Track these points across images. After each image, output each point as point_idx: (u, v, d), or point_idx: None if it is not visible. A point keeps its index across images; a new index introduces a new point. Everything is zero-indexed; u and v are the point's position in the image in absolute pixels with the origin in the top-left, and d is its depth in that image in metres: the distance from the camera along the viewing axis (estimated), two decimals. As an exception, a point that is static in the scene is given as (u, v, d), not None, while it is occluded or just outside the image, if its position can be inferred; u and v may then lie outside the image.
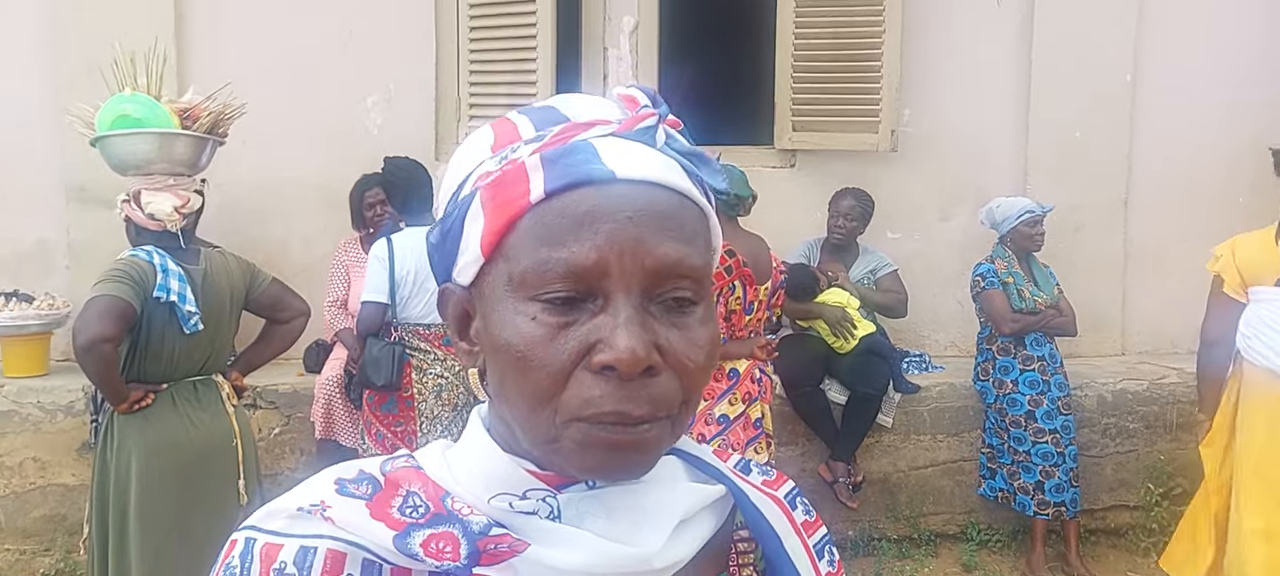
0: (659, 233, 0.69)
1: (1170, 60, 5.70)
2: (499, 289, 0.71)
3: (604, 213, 0.68)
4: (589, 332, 0.68)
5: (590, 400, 0.67)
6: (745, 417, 4.01)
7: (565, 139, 0.72)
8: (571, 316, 0.68)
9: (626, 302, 0.68)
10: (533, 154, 0.71)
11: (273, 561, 0.71)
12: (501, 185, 0.71)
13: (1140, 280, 5.75)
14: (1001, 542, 5.04)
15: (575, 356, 0.67)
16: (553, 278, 0.67)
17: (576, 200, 0.68)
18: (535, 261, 0.68)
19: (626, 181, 0.69)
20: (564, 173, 0.69)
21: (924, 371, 5.34)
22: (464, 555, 0.70)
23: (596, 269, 0.67)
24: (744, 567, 0.83)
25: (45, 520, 4.68)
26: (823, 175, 5.52)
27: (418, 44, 5.40)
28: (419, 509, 0.72)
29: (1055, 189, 5.35)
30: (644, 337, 0.67)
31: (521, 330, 0.68)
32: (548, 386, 0.68)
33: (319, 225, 5.33)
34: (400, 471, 0.75)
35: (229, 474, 3.43)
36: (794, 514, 0.87)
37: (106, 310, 3.07)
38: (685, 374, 0.70)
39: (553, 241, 0.68)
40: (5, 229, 5.24)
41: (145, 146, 3.31)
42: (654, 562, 0.73)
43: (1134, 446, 5.13)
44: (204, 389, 3.45)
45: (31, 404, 4.66)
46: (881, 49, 5.37)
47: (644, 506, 0.75)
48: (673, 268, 0.69)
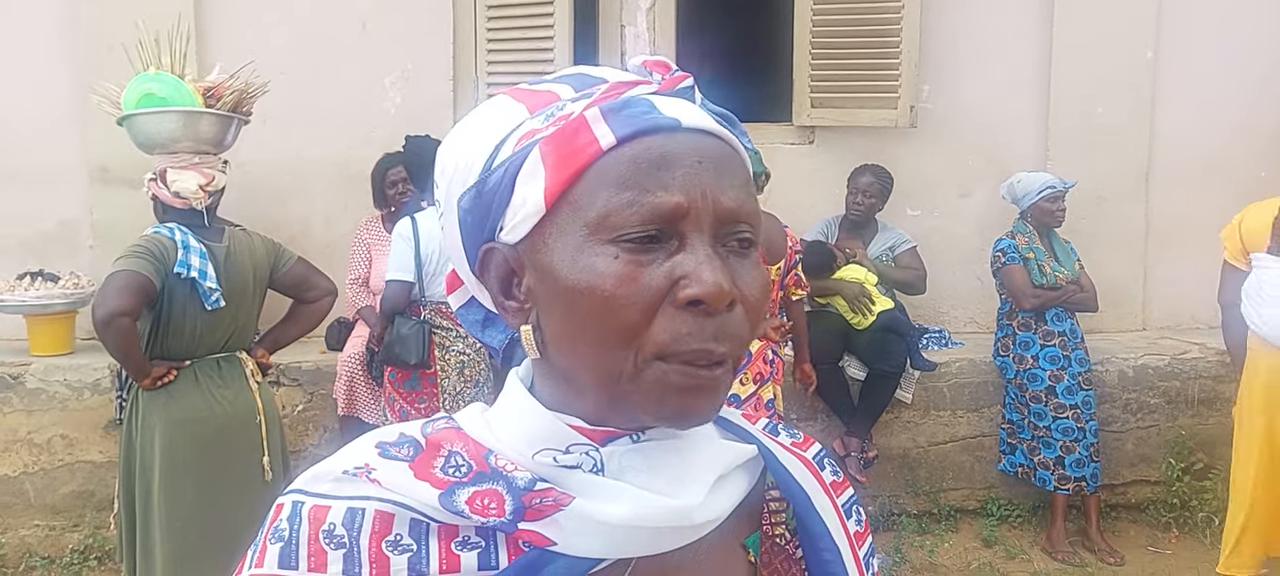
0: (724, 178, 0.72)
1: (1192, 35, 5.64)
2: (568, 237, 0.71)
3: (677, 158, 0.70)
4: (672, 269, 0.69)
5: (678, 336, 0.69)
6: (757, 398, 4.02)
7: (619, 93, 0.74)
8: (652, 256, 0.70)
9: (702, 242, 0.70)
10: (590, 107, 0.73)
11: (321, 523, 0.72)
12: (563, 138, 0.72)
13: (1162, 255, 5.72)
14: (1022, 518, 5.04)
15: (662, 291, 0.69)
16: (636, 219, 0.69)
17: (649, 146, 0.70)
18: (616, 204, 0.69)
19: (690, 130, 0.72)
20: (631, 121, 0.71)
21: (943, 347, 5.33)
22: (509, 510, 0.71)
23: (677, 210, 0.69)
24: (777, 526, 0.84)
25: (73, 496, 4.74)
26: (842, 152, 5.51)
27: (435, 23, 5.41)
28: (462, 467, 0.73)
29: (1076, 164, 5.31)
30: (727, 272, 0.70)
31: (604, 270, 0.69)
32: (634, 323, 0.69)
33: (340, 204, 5.36)
34: (441, 432, 0.76)
35: (253, 451, 3.46)
36: (822, 474, 0.89)
37: (125, 285, 3.11)
38: (753, 311, 0.73)
39: (632, 185, 0.69)
40: (30, 209, 5.29)
41: (171, 125, 3.35)
42: (695, 516, 0.74)
43: (1155, 421, 5.12)
44: (227, 366, 3.48)
45: (58, 382, 4.71)
46: (901, 24, 5.34)
47: (684, 461, 0.76)
48: (737, 211, 0.72)
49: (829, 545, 0.83)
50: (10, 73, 5.21)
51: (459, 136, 0.81)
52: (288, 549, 0.72)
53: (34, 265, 5.00)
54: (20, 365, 4.75)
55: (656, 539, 0.73)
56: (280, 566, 0.71)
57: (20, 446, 4.72)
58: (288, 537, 0.72)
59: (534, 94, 0.78)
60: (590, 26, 5.64)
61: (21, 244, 5.25)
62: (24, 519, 4.74)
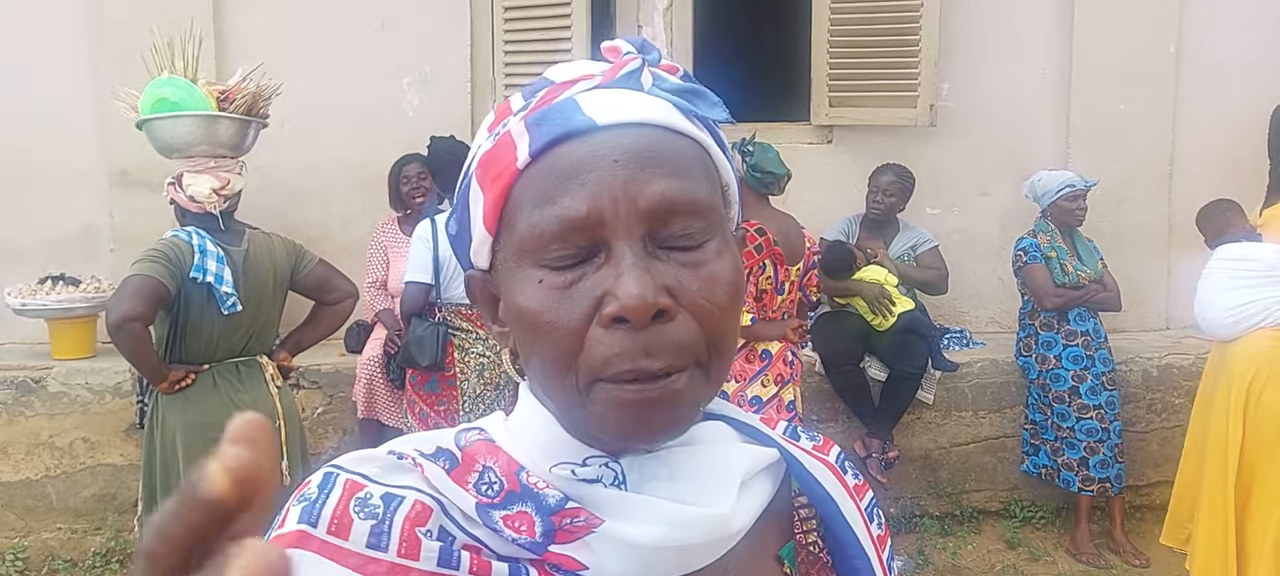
0: (648, 171, 0.66)
1: (1215, 30, 5.58)
2: (509, 261, 0.70)
3: (588, 162, 0.66)
4: (595, 286, 0.66)
5: (608, 359, 0.65)
6: (778, 400, 3.99)
7: (549, 99, 0.71)
8: (576, 274, 0.67)
9: (628, 248, 0.65)
10: (518, 121, 0.70)
11: (356, 493, 0.69)
12: (491, 158, 0.70)
13: (1185, 253, 5.64)
14: (1045, 519, 5.00)
15: (587, 313, 0.66)
16: (550, 237, 0.66)
17: (560, 155, 0.67)
18: (531, 224, 0.67)
19: (608, 127, 0.68)
20: (545, 131, 0.68)
21: (965, 348, 5.29)
22: (539, 533, 0.69)
23: (589, 219, 0.65)
24: (809, 533, 0.82)
25: (95, 499, 4.76)
26: (860, 151, 5.48)
27: (453, 25, 5.41)
28: (495, 485, 0.71)
29: (1098, 162, 5.27)
30: (650, 280, 0.64)
31: (531, 296, 0.67)
32: (566, 348, 0.66)
33: (357, 206, 5.37)
34: (476, 446, 0.74)
35: None
36: (845, 478, 0.86)
37: (138, 290, 3.12)
38: (703, 314, 0.67)
39: (544, 200, 0.66)
40: (51, 213, 5.32)
41: (185, 129, 3.36)
42: (731, 523, 0.71)
43: (1179, 421, 5.04)
44: (246, 369, 3.48)
45: (80, 385, 4.73)
46: (919, 22, 5.31)
47: (708, 465, 0.73)
48: (670, 204, 0.66)
49: (858, 552, 0.81)
50: (32, 77, 5.24)
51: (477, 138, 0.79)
52: (310, 508, 0.68)
53: (55, 269, 5.03)
54: (42, 369, 4.77)
55: (691, 556, 0.70)
56: (300, 521, 0.67)
57: (42, 449, 4.74)
58: (313, 500, 0.68)
59: (503, 106, 0.76)
60: (607, 28, 5.63)
61: (43, 248, 5.28)
62: (46, 521, 4.77)
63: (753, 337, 3.93)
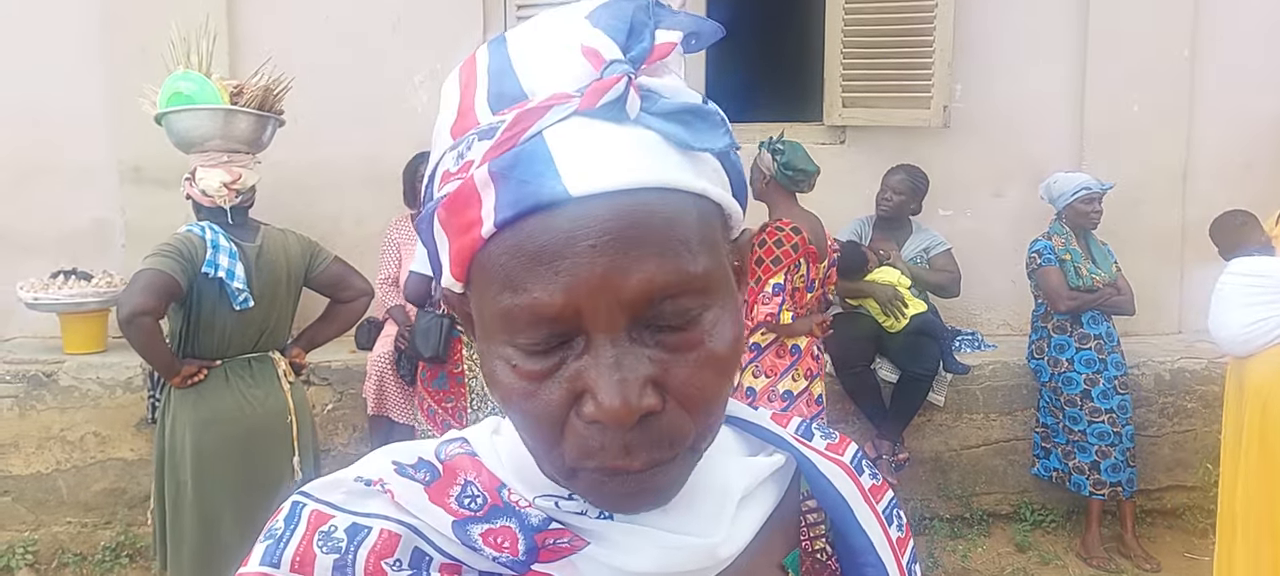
0: (634, 255, 0.58)
1: (1230, 33, 5.55)
2: (480, 321, 0.64)
3: (561, 246, 0.57)
4: (573, 379, 0.60)
5: (589, 451, 0.60)
6: (808, 394, 4.04)
7: (517, 136, 0.59)
8: (552, 361, 0.61)
9: (608, 343, 0.59)
10: (483, 162, 0.60)
11: (319, 526, 0.68)
12: (455, 208, 0.62)
13: (1199, 257, 5.61)
14: (1056, 523, 4.99)
15: (563, 407, 0.60)
16: (520, 326, 0.59)
17: (530, 233, 0.58)
18: (498, 308, 0.60)
19: (585, 198, 0.57)
20: (514, 198, 0.58)
21: (976, 350, 5.28)
22: (522, 551, 0.66)
23: (565, 313, 0.58)
24: (817, 539, 0.77)
25: (106, 493, 4.77)
26: (873, 152, 5.46)
27: (466, 23, 5.40)
28: (477, 500, 0.69)
29: (1112, 165, 5.25)
30: (635, 381, 0.58)
31: (503, 379, 0.62)
32: (545, 434, 0.62)
33: (370, 203, 5.37)
34: (457, 459, 0.71)
35: (283, 450, 3.46)
36: (861, 479, 0.82)
37: (149, 284, 3.12)
38: (694, 403, 0.61)
39: (512, 285, 0.59)
40: (63, 208, 5.33)
41: (200, 123, 3.36)
42: (720, 552, 0.68)
43: (1191, 426, 5.04)
44: (259, 365, 3.48)
45: (91, 380, 4.74)
46: (933, 23, 5.29)
47: (701, 488, 0.69)
48: (659, 291, 0.59)
49: (872, 560, 0.76)
50: (44, 71, 5.25)
51: (439, 115, 0.69)
52: (273, 548, 0.67)
53: (67, 264, 5.03)
54: (54, 363, 4.78)
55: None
56: (263, 563, 0.66)
57: (53, 443, 4.75)
58: (279, 536, 0.68)
59: (467, 88, 0.67)
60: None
61: (55, 242, 5.29)
62: (57, 515, 4.78)
63: (785, 334, 3.98)
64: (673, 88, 0.63)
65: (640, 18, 0.63)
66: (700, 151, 0.62)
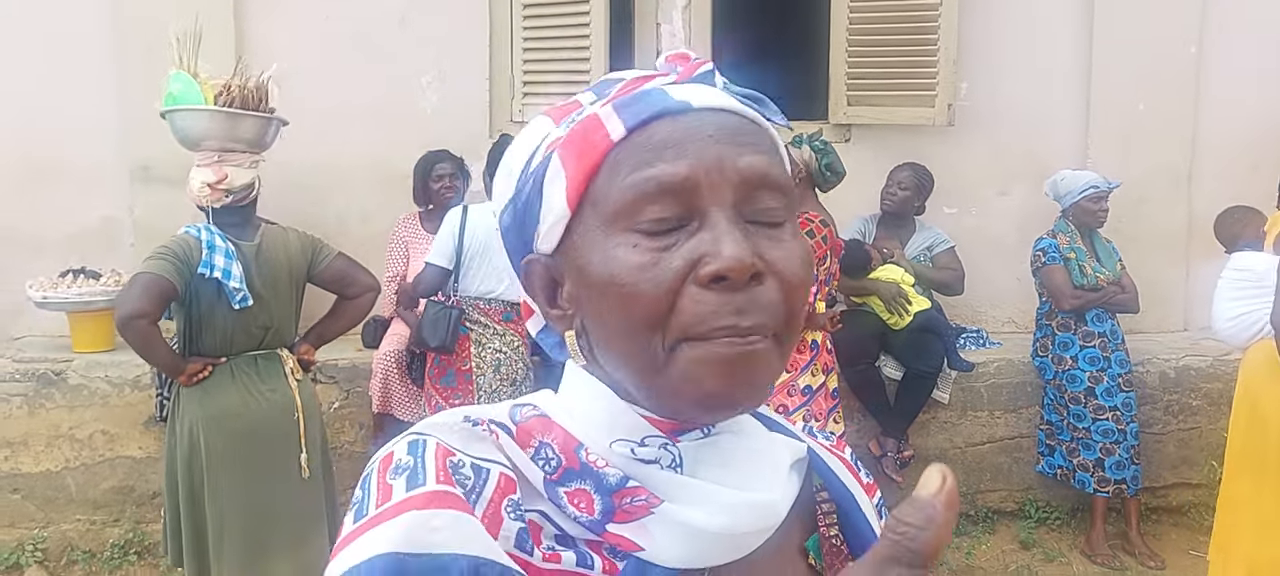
0: (741, 146, 0.70)
1: (1236, 30, 5.55)
2: (592, 234, 0.71)
3: (686, 135, 0.69)
4: (691, 250, 0.68)
5: (702, 315, 0.67)
6: (825, 388, 4.08)
7: (635, 87, 0.74)
8: (671, 240, 0.68)
9: (722, 215, 0.68)
10: (604, 105, 0.73)
11: (449, 457, 0.69)
12: (578, 137, 0.72)
13: (1204, 255, 5.61)
14: (1060, 520, 4.99)
15: (682, 273, 0.67)
16: (647, 200, 0.68)
17: (657, 129, 0.70)
18: (627, 188, 0.69)
19: (702, 109, 0.71)
20: (640, 110, 0.71)
21: (981, 347, 5.28)
22: (598, 511, 0.70)
23: (687, 183, 0.68)
24: (831, 527, 0.83)
25: (114, 491, 4.80)
26: (878, 150, 5.47)
27: (472, 22, 5.42)
28: (551, 462, 0.72)
29: (1117, 163, 5.25)
30: (747, 243, 0.68)
31: (624, 260, 0.68)
32: (657, 309, 0.68)
33: (376, 202, 5.39)
34: (532, 421, 0.74)
35: (291, 447, 3.47)
36: (860, 474, 0.90)
37: (145, 287, 3.16)
38: (787, 285, 0.70)
39: (642, 165, 0.69)
40: (71, 207, 5.36)
41: (191, 122, 3.37)
42: (780, 508, 0.74)
43: (1197, 423, 5.05)
44: (265, 362, 3.49)
45: (99, 378, 4.77)
46: (938, 21, 5.30)
47: (757, 453, 0.76)
48: (760, 178, 0.70)
49: None
50: (52, 70, 5.27)
51: (507, 162, 0.80)
52: (413, 475, 0.67)
53: (76, 262, 5.06)
54: (62, 361, 4.81)
55: (740, 542, 0.72)
56: (409, 489, 0.66)
57: (62, 441, 4.78)
58: (412, 467, 0.68)
59: (561, 107, 0.79)
60: (626, 25, 5.63)
61: (64, 241, 5.32)
62: (66, 513, 4.80)
63: (809, 326, 4.04)
64: None
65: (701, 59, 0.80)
66: (768, 119, 0.77)
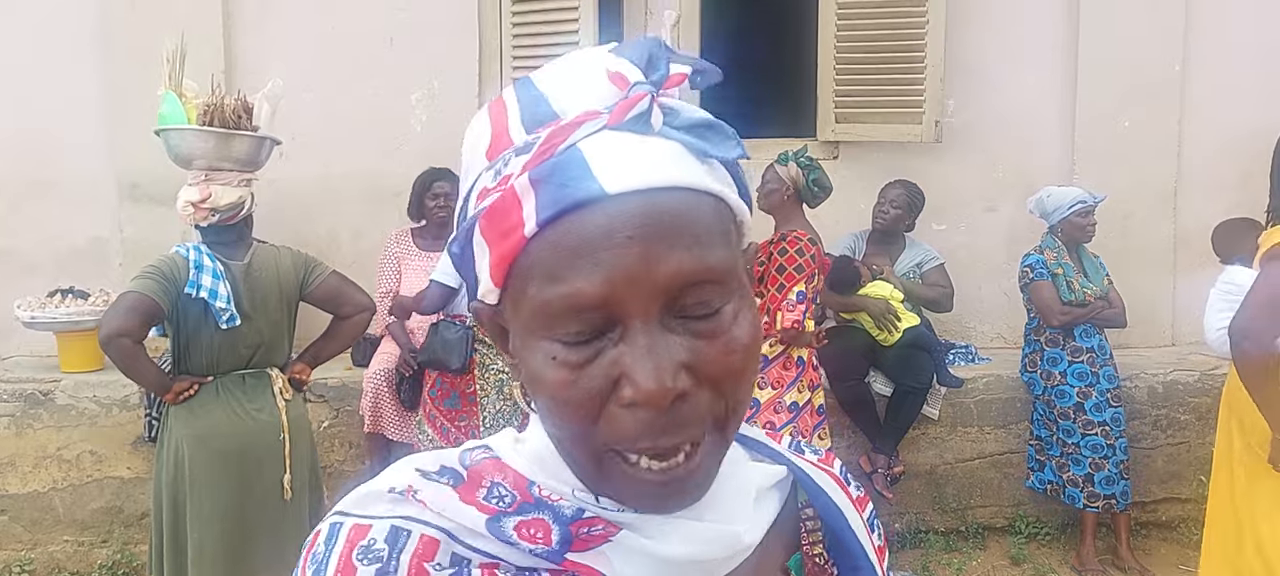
0: (665, 245, 0.63)
1: (1219, 47, 5.59)
2: (518, 323, 0.68)
3: (600, 239, 0.62)
4: (611, 366, 0.64)
5: (623, 435, 0.64)
6: (810, 404, 4.10)
7: (552, 148, 0.65)
8: (591, 351, 0.64)
9: (644, 330, 0.63)
10: (522, 172, 0.65)
11: (359, 541, 0.69)
12: (496, 215, 0.66)
13: (1190, 269, 5.65)
14: (1051, 535, 5.00)
15: (602, 394, 0.64)
16: (560, 316, 0.63)
17: (570, 228, 0.63)
18: (540, 302, 0.64)
19: (620, 195, 0.63)
20: (554, 198, 0.63)
21: (970, 363, 5.30)
22: (556, 540, 0.69)
23: (603, 301, 0.62)
24: (815, 545, 0.82)
25: (102, 512, 4.77)
26: (866, 167, 5.49)
27: (462, 39, 5.44)
28: (506, 498, 0.71)
29: (1103, 178, 5.28)
30: (669, 365, 0.63)
31: (542, 371, 0.65)
32: (582, 424, 0.65)
33: (367, 218, 5.39)
34: (482, 464, 0.74)
35: (276, 467, 3.44)
36: (849, 489, 0.88)
37: (130, 306, 3.17)
38: (722, 385, 0.66)
39: (553, 278, 0.63)
40: (60, 226, 5.35)
41: (179, 141, 3.37)
42: (744, 538, 0.73)
43: (1185, 438, 5.06)
44: (253, 381, 3.48)
45: (88, 398, 4.75)
46: (925, 39, 5.33)
47: (723, 482, 0.73)
48: (688, 278, 0.63)
49: (865, 563, 0.82)
50: (42, 90, 5.27)
51: (464, 148, 0.75)
52: (318, 570, 0.69)
53: (65, 282, 5.05)
54: (50, 381, 4.79)
55: (708, 569, 0.72)
56: None
57: (50, 462, 4.75)
58: (321, 558, 0.70)
59: (499, 117, 0.72)
60: (616, 40, 5.64)
61: (53, 261, 5.31)
62: (53, 534, 4.78)
63: (796, 344, 4.05)
64: (688, 107, 0.70)
65: (657, 51, 0.70)
66: (716, 159, 0.69)
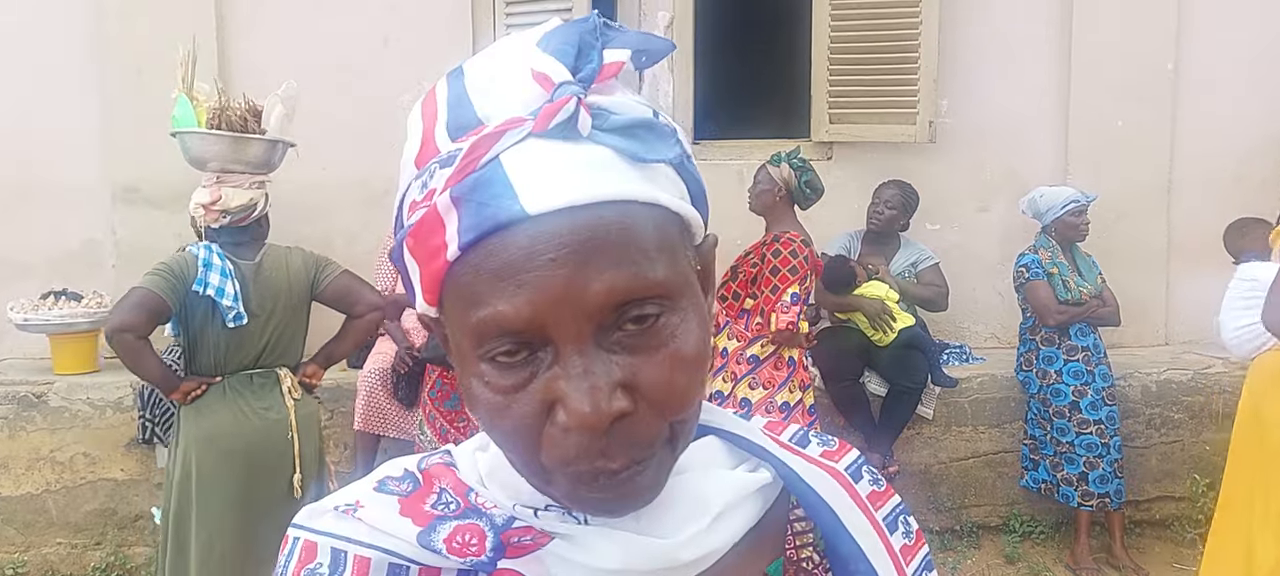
0: (591, 265, 0.59)
1: (1211, 47, 5.61)
2: (453, 338, 0.67)
3: (522, 262, 0.59)
4: (545, 390, 0.61)
5: (566, 458, 0.62)
6: (802, 404, 4.12)
7: (476, 160, 0.62)
8: (525, 373, 0.62)
9: (576, 352, 0.61)
10: (444, 189, 0.62)
11: (309, 561, 0.71)
12: (421, 236, 0.64)
13: (1183, 269, 5.67)
14: (1045, 534, 5.00)
15: (537, 417, 0.62)
16: (488, 339, 0.61)
17: (492, 252, 0.60)
18: (467, 326, 0.62)
19: (542, 215, 0.59)
20: (475, 221, 0.60)
21: (964, 363, 5.30)
22: (489, 548, 0.69)
23: (531, 325, 0.60)
24: (804, 548, 0.78)
25: (96, 514, 4.76)
26: (860, 167, 5.50)
27: (455, 40, 5.43)
28: (451, 504, 0.72)
29: (1096, 178, 5.29)
30: (605, 386, 0.60)
31: (478, 394, 0.64)
32: (522, 445, 0.64)
33: (361, 221, 5.38)
34: (434, 468, 0.76)
35: (285, 467, 3.45)
36: (857, 486, 0.82)
37: (137, 302, 3.20)
38: (664, 404, 0.63)
39: (478, 302, 0.61)
40: (53, 228, 5.34)
41: (190, 145, 3.42)
42: (680, 554, 0.69)
43: (1179, 437, 5.07)
44: (261, 381, 3.48)
45: (81, 400, 4.74)
46: (918, 39, 5.34)
47: (675, 495, 0.70)
48: (622, 297, 0.60)
49: (863, 567, 0.76)
50: (35, 92, 5.26)
51: (405, 144, 0.70)
52: None
53: (58, 284, 5.04)
54: (44, 384, 4.78)
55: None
56: None
57: (43, 464, 4.74)
58: (280, 572, 0.73)
59: (429, 116, 0.68)
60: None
61: (46, 263, 5.29)
62: (46, 536, 4.77)
63: (788, 344, 4.06)
64: (623, 104, 0.65)
65: (588, 39, 0.66)
66: (653, 163, 0.64)
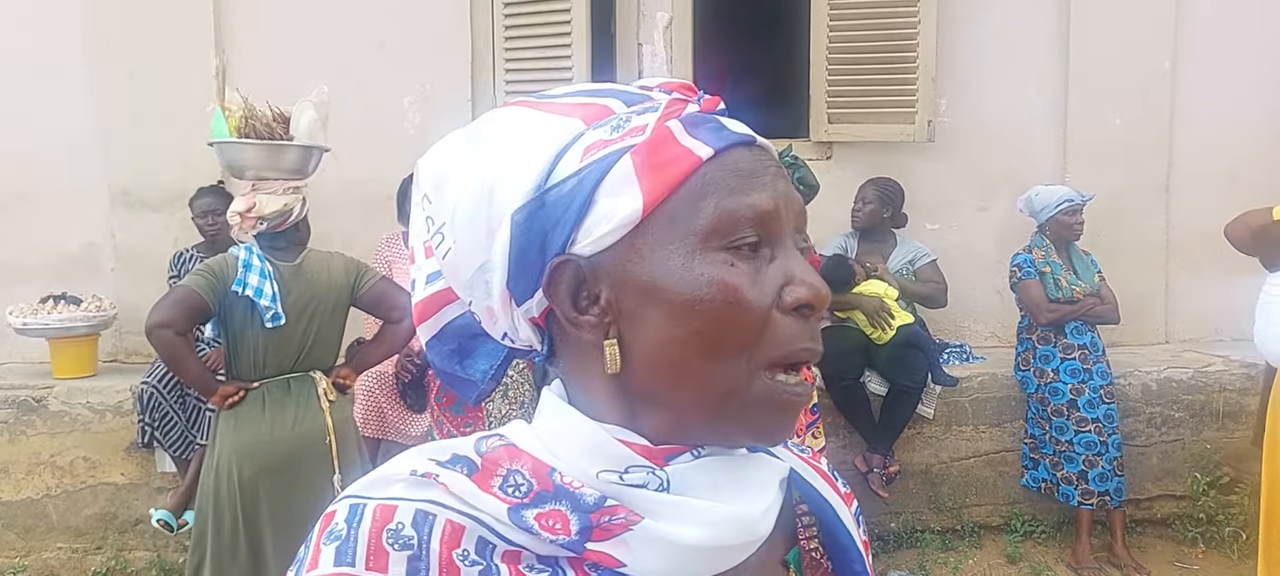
0: (789, 183, 0.76)
1: (1210, 46, 5.61)
2: (669, 246, 0.71)
3: (760, 167, 0.74)
4: (777, 272, 0.72)
5: (791, 338, 0.72)
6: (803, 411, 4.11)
7: (680, 110, 0.75)
8: (759, 260, 0.72)
9: (791, 246, 0.74)
10: (668, 121, 0.74)
11: (387, 523, 0.68)
12: (654, 148, 0.72)
13: (1182, 267, 5.67)
14: (1046, 533, 5.00)
15: (774, 295, 0.71)
16: (744, 223, 0.71)
17: (738, 158, 0.73)
18: (724, 210, 0.71)
19: (761, 145, 0.76)
20: (718, 134, 0.73)
21: (965, 362, 5.30)
22: (575, 531, 0.68)
23: (773, 214, 0.72)
24: (811, 540, 0.84)
25: (96, 518, 4.76)
26: (859, 167, 5.50)
27: (453, 44, 5.44)
28: (522, 487, 0.70)
29: (1094, 177, 5.29)
30: None
31: (724, 277, 0.70)
32: (753, 328, 0.71)
33: (359, 224, 5.37)
34: (497, 451, 0.73)
35: (324, 470, 3.43)
36: (837, 485, 0.90)
37: (176, 299, 3.26)
38: (822, 310, 0.75)
39: (734, 191, 0.71)
40: (53, 232, 5.34)
41: (224, 153, 3.47)
42: (760, 526, 0.74)
43: (1179, 435, 5.07)
44: (298, 385, 3.48)
45: (81, 404, 4.74)
46: (917, 39, 5.34)
47: (743, 468, 0.76)
48: (803, 215, 0.77)
49: (857, 556, 0.84)
50: (34, 96, 5.26)
51: (484, 151, 0.76)
52: (343, 547, 0.67)
53: (57, 288, 5.04)
54: (43, 388, 4.78)
55: (725, 556, 0.72)
56: (337, 564, 0.66)
57: (43, 469, 4.74)
58: (345, 536, 0.68)
59: (581, 106, 0.75)
60: (608, 44, 5.66)
61: (45, 267, 5.29)
62: (47, 541, 4.76)
63: None
64: None
65: None
66: None
